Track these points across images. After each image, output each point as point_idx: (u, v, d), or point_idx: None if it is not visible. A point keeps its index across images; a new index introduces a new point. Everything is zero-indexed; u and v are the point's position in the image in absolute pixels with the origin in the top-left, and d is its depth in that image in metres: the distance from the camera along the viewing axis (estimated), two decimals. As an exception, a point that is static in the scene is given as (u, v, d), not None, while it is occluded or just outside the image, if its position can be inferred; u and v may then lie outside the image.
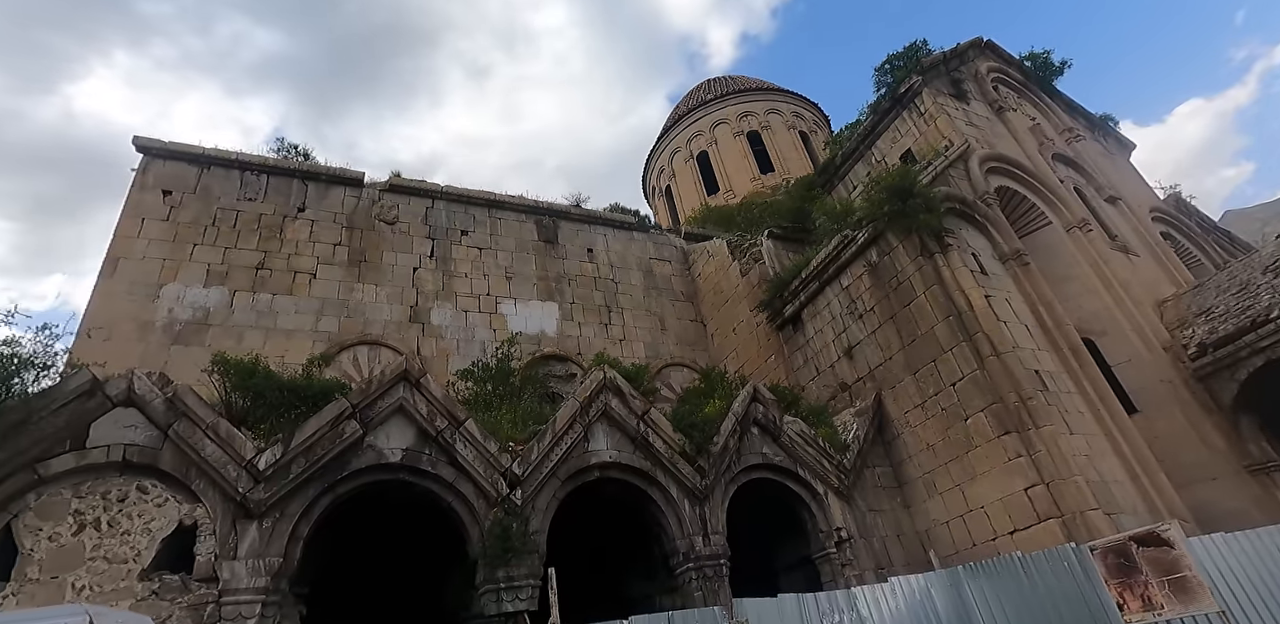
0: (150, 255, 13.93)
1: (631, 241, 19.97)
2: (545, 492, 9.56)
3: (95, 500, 7.52)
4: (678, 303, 19.51)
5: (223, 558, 7.59)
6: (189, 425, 7.94)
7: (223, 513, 7.83)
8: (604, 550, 11.99)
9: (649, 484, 10.51)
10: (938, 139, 16.06)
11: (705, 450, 10.71)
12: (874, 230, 13.41)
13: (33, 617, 3.61)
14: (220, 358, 8.67)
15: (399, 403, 9.08)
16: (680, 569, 10.28)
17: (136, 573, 7.30)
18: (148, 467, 7.80)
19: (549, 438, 9.69)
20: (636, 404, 10.67)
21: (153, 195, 14.56)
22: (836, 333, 14.43)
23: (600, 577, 12.05)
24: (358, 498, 8.95)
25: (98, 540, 7.33)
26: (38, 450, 7.38)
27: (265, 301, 14.45)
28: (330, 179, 16.54)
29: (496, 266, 17.36)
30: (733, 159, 27.23)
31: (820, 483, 11.81)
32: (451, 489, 9.10)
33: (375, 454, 8.82)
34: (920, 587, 9.73)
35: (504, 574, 8.73)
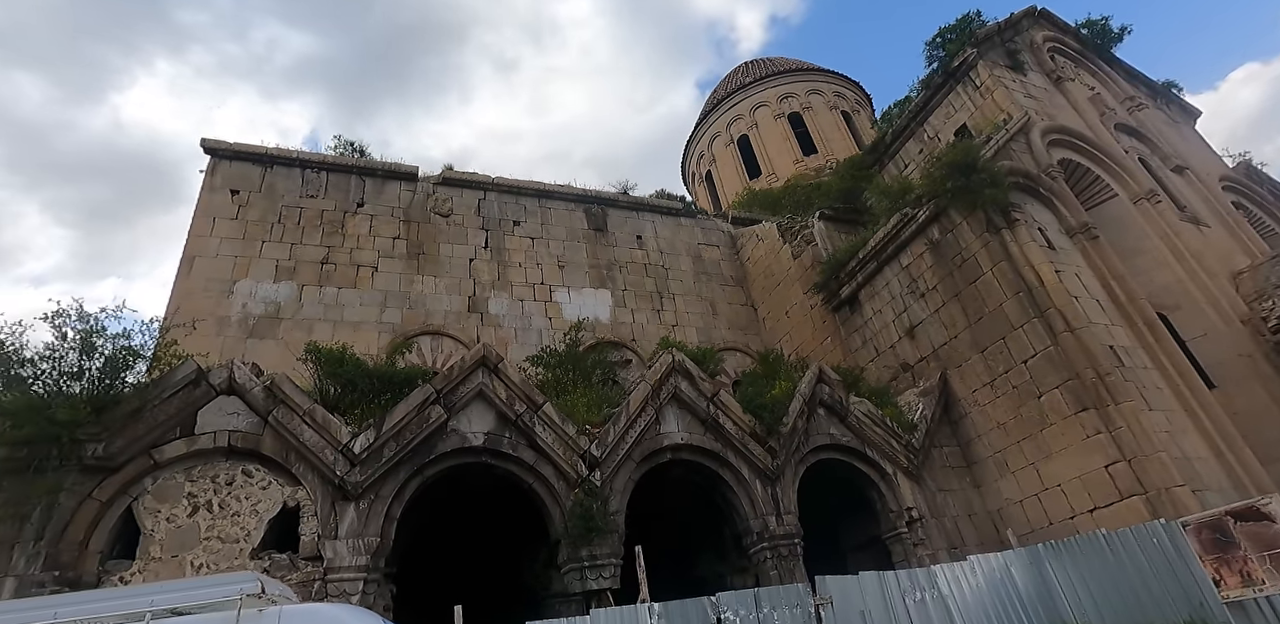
0: (223, 253, 14.44)
1: (679, 227, 19.96)
2: (622, 473, 9.73)
3: (206, 484, 7.92)
4: (727, 287, 19.48)
5: (325, 537, 7.94)
6: (287, 412, 8.29)
7: (322, 495, 8.18)
8: (672, 531, 12.15)
9: (720, 465, 10.61)
10: (995, 113, 15.64)
11: (775, 431, 10.76)
12: (935, 208, 13.18)
13: (209, 583, 3.87)
14: (313, 347, 9.01)
15: (479, 388, 9.32)
16: (754, 549, 10.38)
17: (248, 552, 7.68)
18: (251, 452, 8.18)
19: (624, 420, 9.85)
20: (705, 386, 10.75)
21: (222, 195, 15.07)
22: (896, 313, 14.26)
23: (668, 557, 12.24)
24: (441, 480, 9.24)
25: (211, 521, 7.73)
26: (152, 437, 7.80)
27: (331, 295, 14.89)
28: (386, 174, 16.88)
29: (549, 255, 17.56)
30: (774, 142, 26.91)
31: (889, 463, 11.76)
32: (532, 471, 9.33)
33: (459, 438, 9.09)
34: (1000, 565, 9.67)
35: (587, 553, 8.95)
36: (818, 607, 8.32)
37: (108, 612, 3.60)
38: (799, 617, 8.18)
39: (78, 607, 3.61)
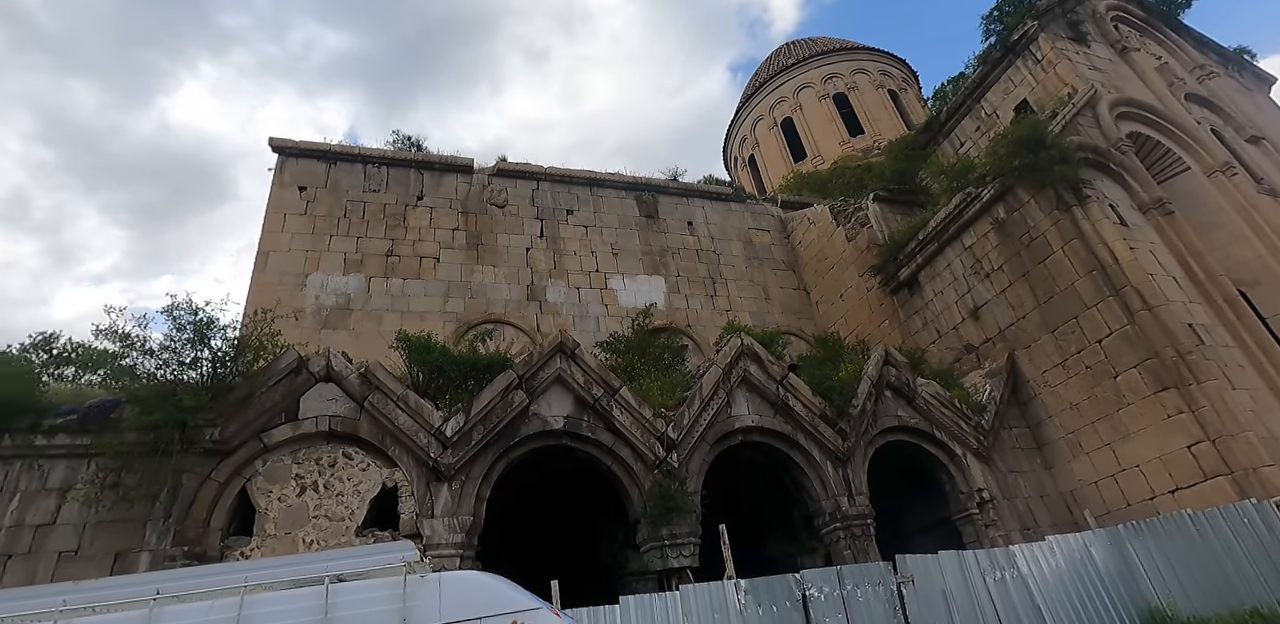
0: (294, 248, 15.00)
1: (729, 212, 19.95)
2: (696, 455, 9.94)
3: (311, 466, 8.38)
4: (779, 272, 19.44)
5: (423, 516, 8.33)
6: (381, 397, 8.68)
7: (417, 476, 8.57)
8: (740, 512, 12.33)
9: (790, 447, 10.73)
10: (1058, 86, 15.22)
11: (845, 413, 10.82)
12: (1001, 186, 12.95)
13: (368, 551, 4.18)
14: (402, 335, 9.38)
15: (557, 373, 9.60)
16: (826, 529, 10.51)
17: (353, 530, 8.12)
18: (350, 435, 8.60)
19: (697, 403, 10.03)
20: (774, 369, 10.85)
21: (290, 192, 15.61)
22: (959, 294, 14.10)
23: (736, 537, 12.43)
24: (524, 462, 9.57)
25: (318, 501, 8.18)
26: (261, 422, 8.27)
27: (397, 286, 15.35)
28: (443, 167, 17.25)
29: (602, 243, 17.76)
30: (819, 123, 26.55)
31: (958, 444, 11.72)
32: (610, 453, 9.59)
33: (540, 422, 9.39)
34: (1079, 546, 9.62)
35: (667, 532, 9.19)
36: (899, 585, 8.44)
37: (289, 576, 3.94)
38: (881, 594, 8.32)
39: (262, 572, 3.96)
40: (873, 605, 8.20)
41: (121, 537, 7.38)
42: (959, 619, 8.50)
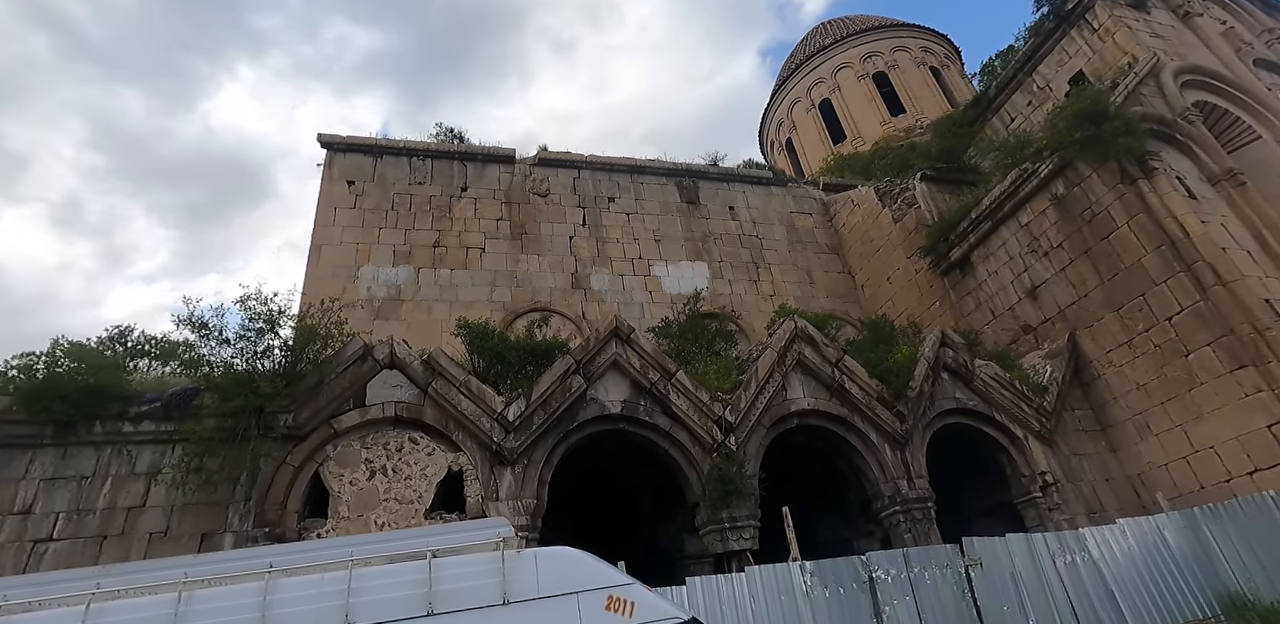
0: (345, 241, 15.32)
1: (770, 196, 19.72)
2: (753, 438, 9.91)
3: (379, 450, 8.59)
4: (823, 255, 19.18)
5: (488, 499, 8.49)
6: (444, 383, 8.84)
7: (481, 460, 8.73)
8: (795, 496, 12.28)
9: (847, 430, 10.63)
10: (1117, 56, 14.63)
11: (903, 395, 10.66)
12: (1060, 160, 12.52)
13: (463, 528, 4.29)
14: (463, 322, 9.53)
15: (613, 358, 9.65)
16: (885, 513, 10.41)
17: (421, 512, 8.32)
18: (414, 421, 8.79)
19: (754, 387, 9.99)
20: (830, 352, 10.74)
21: (340, 186, 15.92)
22: (1015, 273, 13.73)
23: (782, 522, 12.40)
24: (582, 446, 9.67)
25: (387, 484, 8.40)
26: (331, 408, 8.50)
27: (445, 276, 15.58)
28: (485, 158, 17.38)
29: (644, 230, 17.73)
30: (859, 104, 25.96)
31: (1019, 427, 11.47)
32: (668, 437, 9.63)
33: (598, 406, 9.47)
34: (1152, 529, 9.37)
35: (727, 515, 9.21)
36: (967, 567, 8.33)
37: (389, 551, 4.06)
38: (949, 577, 8.23)
39: (365, 547, 4.09)
40: (940, 588, 8.12)
41: (206, 518, 7.69)
42: (1029, 602, 8.36)
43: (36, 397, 7.41)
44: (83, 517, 7.43)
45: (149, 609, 3.63)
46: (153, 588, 3.73)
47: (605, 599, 3.92)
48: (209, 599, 3.71)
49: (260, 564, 3.86)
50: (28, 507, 7.36)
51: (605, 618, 3.87)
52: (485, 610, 3.82)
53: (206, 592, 3.76)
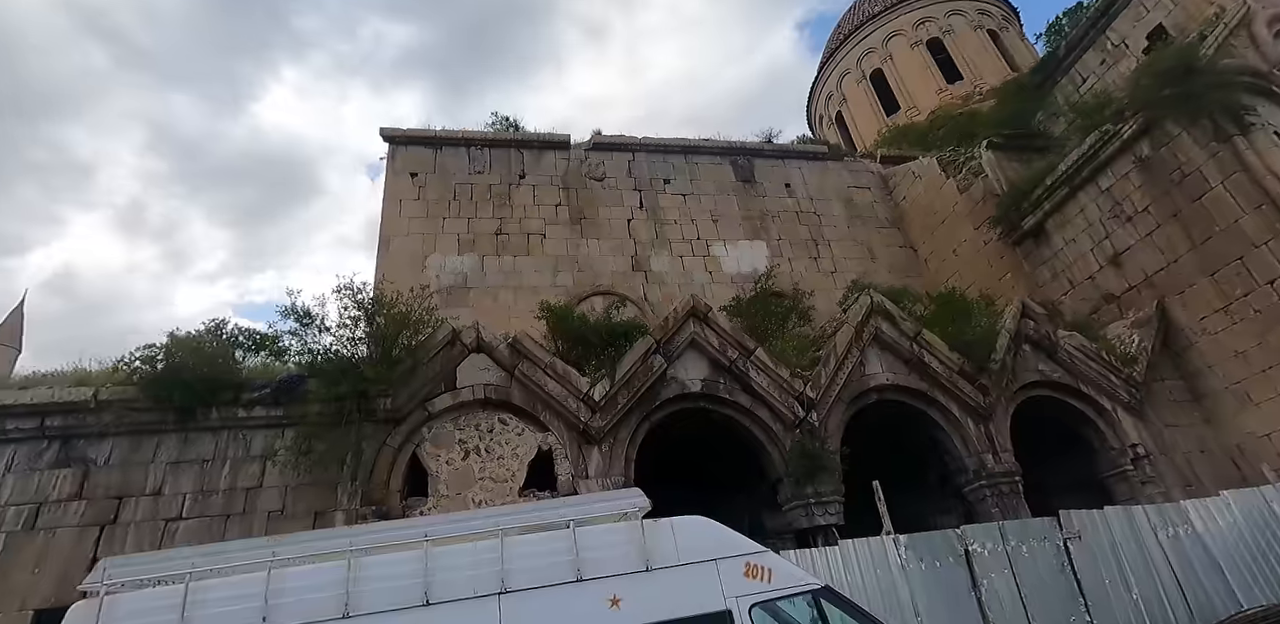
0: (412, 231, 15.69)
1: (826, 172, 19.34)
2: (834, 414, 9.88)
3: (471, 431, 8.88)
4: (883, 230, 18.78)
5: (578, 477, 8.71)
6: (530, 365, 9.06)
7: (569, 440, 8.94)
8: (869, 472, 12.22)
9: (927, 404, 10.49)
10: (1201, 7, 13.81)
11: (985, 368, 10.45)
12: (1146, 120, 11.92)
13: (597, 499, 4.45)
14: (545, 305, 9.73)
15: (691, 337, 9.71)
16: (970, 487, 10.28)
17: (515, 490, 8.58)
18: (503, 403, 9.04)
19: (833, 362, 9.94)
20: (907, 326, 10.58)
21: (403, 179, 16.27)
22: (1095, 241, 13.21)
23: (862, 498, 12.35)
24: (662, 425, 9.79)
25: (481, 464, 8.69)
26: (425, 391, 8.81)
27: (509, 263, 15.84)
28: (541, 145, 17.50)
29: (701, 211, 17.64)
30: (913, 72, 25.11)
31: (1107, 399, 11.12)
32: (749, 414, 9.68)
33: (678, 385, 9.56)
34: (1259, 501, 9.04)
35: (811, 490, 9.24)
36: (1065, 540, 8.19)
37: (535, 520, 4.24)
38: (1048, 550, 8.11)
39: (512, 517, 4.28)
40: (1039, 561, 8.01)
41: (318, 498, 8.11)
42: (1132, 576, 8.19)
43: (159, 386, 7.89)
44: (207, 497, 7.92)
45: (323, 575, 3.88)
46: (322, 556, 3.98)
47: (744, 566, 4.03)
48: (375, 566, 3.95)
49: (416, 535, 4.07)
50: (158, 488, 7.88)
51: (746, 584, 3.97)
52: (630, 576, 3.97)
53: (371, 559, 3.99)
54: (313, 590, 3.83)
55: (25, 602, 7.09)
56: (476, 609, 3.82)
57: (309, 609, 3.77)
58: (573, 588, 3.91)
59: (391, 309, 8.60)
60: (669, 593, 3.94)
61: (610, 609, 3.86)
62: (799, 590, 4.05)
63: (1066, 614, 7.76)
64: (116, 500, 7.72)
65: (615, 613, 3.85)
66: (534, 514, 4.32)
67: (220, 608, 3.74)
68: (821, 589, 4.11)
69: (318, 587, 3.83)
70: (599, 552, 4.03)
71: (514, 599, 3.86)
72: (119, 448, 7.96)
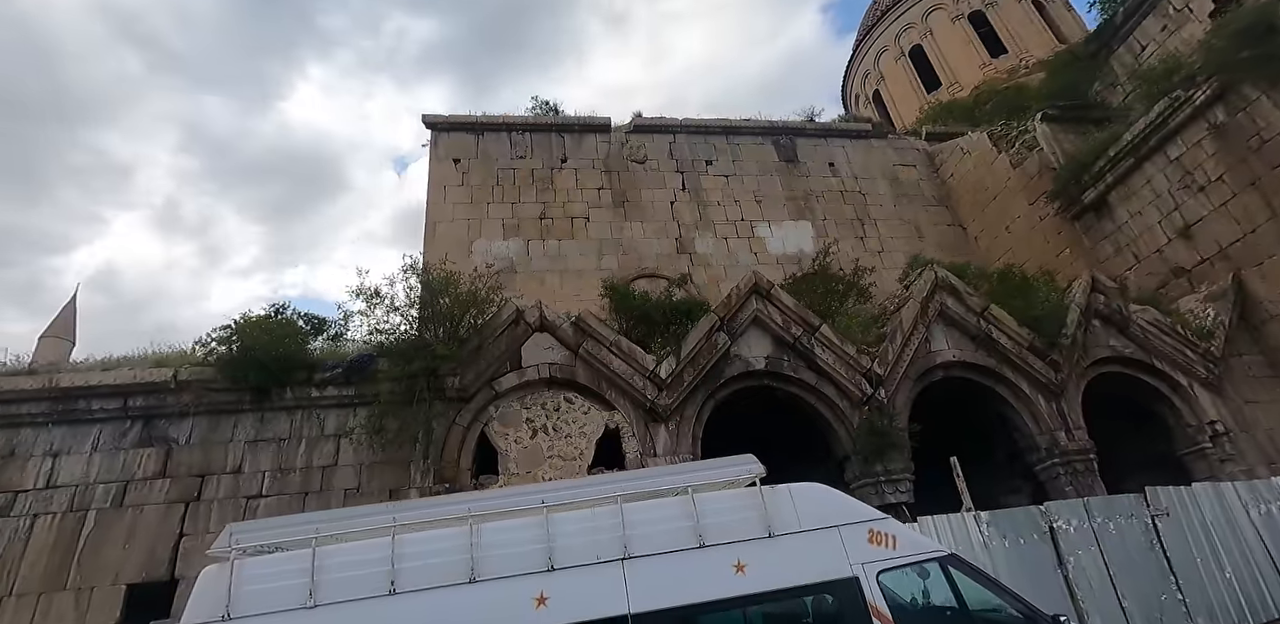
0: (457, 217, 15.70)
1: (870, 150, 18.92)
2: (901, 391, 9.68)
3: (538, 410, 8.86)
4: (930, 208, 18.35)
5: (646, 455, 8.65)
6: (595, 344, 8.99)
7: (636, 418, 8.88)
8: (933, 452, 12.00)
9: (995, 381, 10.23)
10: (1275, -36, 13.07)
11: (1056, 344, 10.15)
12: (1219, 84, 11.39)
13: (713, 465, 4.37)
14: (609, 284, 9.66)
15: (754, 314, 9.56)
16: (1042, 465, 10.03)
17: (584, 469, 8.55)
18: (568, 381, 9.01)
19: (899, 339, 9.73)
20: (974, 302, 10.30)
21: (446, 165, 16.27)
22: (1163, 212, 12.73)
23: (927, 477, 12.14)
24: (726, 402, 9.68)
25: (549, 442, 8.67)
26: (491, 370, 8.80)
27: (553, 247, 15.78)
28: (582, 128, 17.37)
29: (744, 191, 17.39)
30: (954, 47, 24.43)
31: (1182, 374, 10.75)
32: (814, 391, 9.52)
33: (743, 363, 9.43)
34: (1354, 476, 8.67)
35: (881, 468, 9.08)
36: (1154, 517, 7.94)
37: (655, 486, 4.18)
38: (1136, 527, 7.87)
39: (631, 483, 4.21)
40: (1126, 538, 7.78)
41: (391, 475, 8.17)
42: (1224, 554, 7.92)
43: (235, 366, 7.98)
44: (285, 475, 8.03)
45: (445, 540, 3.86)
46: (442, 522, 3.96)
47: (867, 533, 3.92)
48: (497, 532, 3.92)
49: (533, 500, 4.02)
50: (238, 466, 8.00)
51: (870, 551, 3.86)
52: (753, 542, 3.88)
53: (492, 525, 3.96)
54: (436, 555, 3.81)
55: (118, 576, 7.27)
56: (601, 574, 3.77)
57: (435, 574, 3.75)
58: (696, 553, 3.84)
59: (458, 288, 8.57)
60: (792, 559, 3.85)
61: (736, 575, 3.78)
62: (926, 557, 3.93)
63: (1157, 592, 7.54)
64: (199, 478, 7.86)
65: (741, 578, 3.78)
66: (651, 480, 4.24)
67: (348, 572, 3.74)
68: (948, 556, 3.99)
69: (440, 552, 3.81)
70: (719, 517, 3.95)
71: (638, 565, 3.81)
72: (198, 427, 8.09)
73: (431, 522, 3.97)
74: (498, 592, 3.71)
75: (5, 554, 7.21)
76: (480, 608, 3.66)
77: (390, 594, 3.67)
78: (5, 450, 7.71)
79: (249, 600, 3.63)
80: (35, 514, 7.45)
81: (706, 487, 4.17)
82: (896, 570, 3.83)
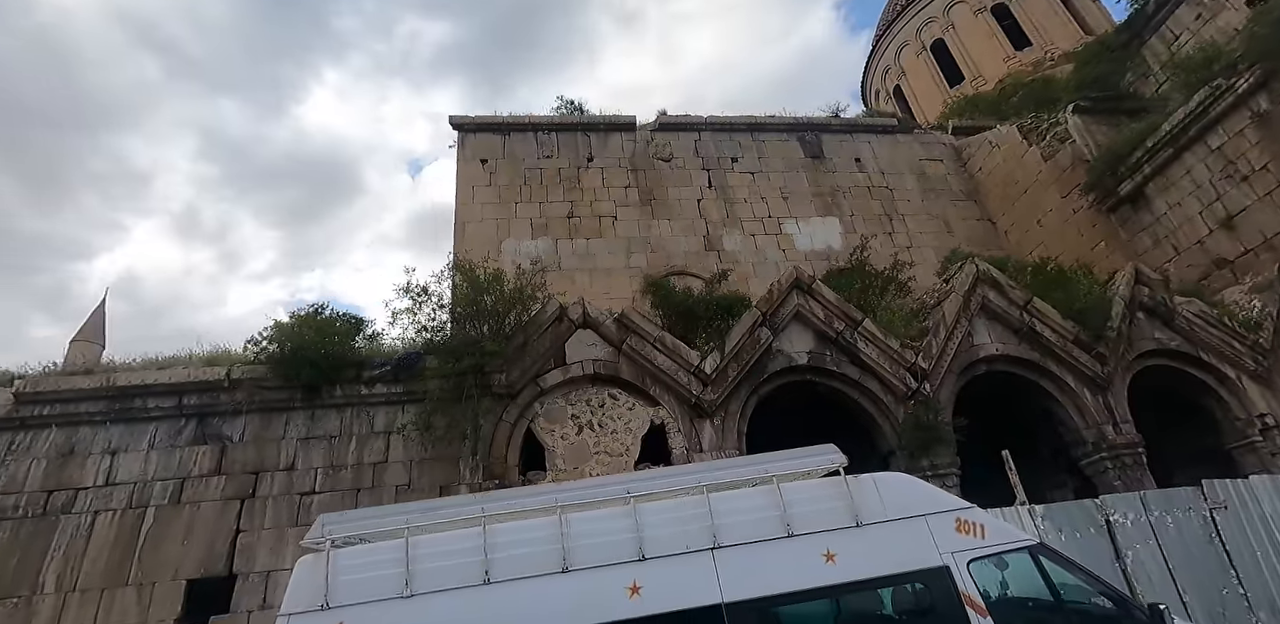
0: (486, 217, 15.78)
1: (897, 145, 18.81)
2: (946, 385, 9.61)
3: (583, 406, 8.88)
4: (959, 203, 18.20)
5: (692, 450, 8.64)
6: (638, 340, 9.00)
7: (681, 413, 8.87)
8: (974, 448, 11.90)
9: (1040, 375, 10.13)
10: (1315, -51, 12.85)
11: (1102, 337, 10.02)
12: (1263, 72, 11.22)
13: (795, 455, 4.36)
14: (651, 281, 9.66)
15: (795, 309, 9.52)
16: (1088, 460, 9.91)
17: (631, 464, 8.56)
18: (612, 377, 9.02)
19: (943, 332, 9.66)
20: (1016, 295, 10.20)
21: (474, 165, 16.36)
22: (1204, 203, 12.55)
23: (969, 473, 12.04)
24: (768, 398, 9.65)
25: (596, 438, 8.69)
26: (536, 367, 8.83)
27: (582, 246, 15.82)
28: (607, 127, 17.40)
29: (771, 188, 17.35)
30: (977, 40, 24.24)
31: (1230, 367, 10.58)
32: (857, 386, 9.47)
33: (785, 358, 9.40)
34: None
35: (927, 463, 9.01)
36: (1211, 510, 7.82)
37: (738, 477, 4.18)
38: (1194, 520, 7.75)
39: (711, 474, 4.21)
40: (1185, 532, 7.66)
41: (441, 472, 8.22)
42: (1286, 546, 7.77)
43: (287, 364, 8.06)
44: (337, 472, 8.10)
45: (535, 531, 3.88)
46: (532, 512, 3.98)
47: (954, 521, 3.89)
48: (584, 522, 3.93)
49: (617, 492, 4.03)
50: (291, 463, 8.08)
51: (959, 540, 3.83)
52: (841, 532, 3.87)
53: (579, 515, 3.97)
54: (527, 545, 3.83)
55: (178, 572, 7.37)
56: (692, 564, 3.77)
57: (528, 563, 3.77)
58: (785, 543, 3.83)
59: (504, 285, 8.61)
60: (881, 549, 3.83)
61: (827, 564, 3.77)
62: (1016, 546, 3.90)
63: (1218, 586, 7.42)
64: (253, 475, 7.95)
65: (832, 568, 3.76)
66: (733, 471, 4.24)
67: (441, 562, 3.76)
68: (1038, 545, 3.95)
69: (531, 542, 3.83)
70: (805, 507, 3.94)
71: (728, 554, 3.81)
72: (251, 424, 8.19)
73: (517, 513, 3.99)
74: (591, 581, 3.72)
75: (69, 550, 7.33)
76: (575, 597, 3.67)
77: (485, 584, 3.68)
78: (65, 449, 7.84)
79: (346, 590, 3.66)
80: (96, 511, 7.57)
81: (788, 477, 4.16)
82: (986, 559, 3.81)
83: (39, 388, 7.91)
